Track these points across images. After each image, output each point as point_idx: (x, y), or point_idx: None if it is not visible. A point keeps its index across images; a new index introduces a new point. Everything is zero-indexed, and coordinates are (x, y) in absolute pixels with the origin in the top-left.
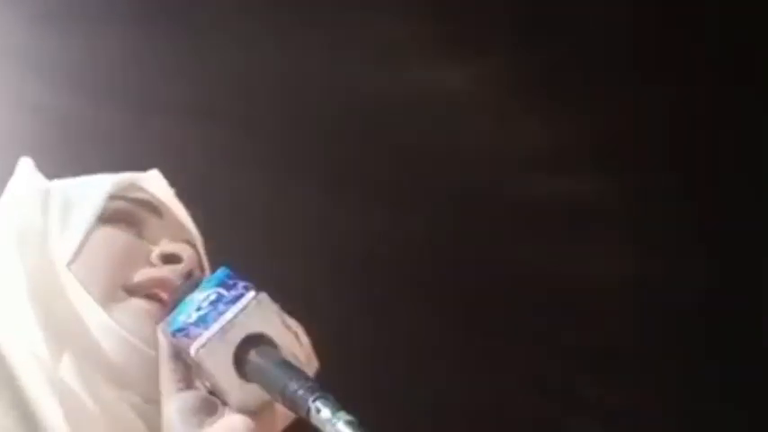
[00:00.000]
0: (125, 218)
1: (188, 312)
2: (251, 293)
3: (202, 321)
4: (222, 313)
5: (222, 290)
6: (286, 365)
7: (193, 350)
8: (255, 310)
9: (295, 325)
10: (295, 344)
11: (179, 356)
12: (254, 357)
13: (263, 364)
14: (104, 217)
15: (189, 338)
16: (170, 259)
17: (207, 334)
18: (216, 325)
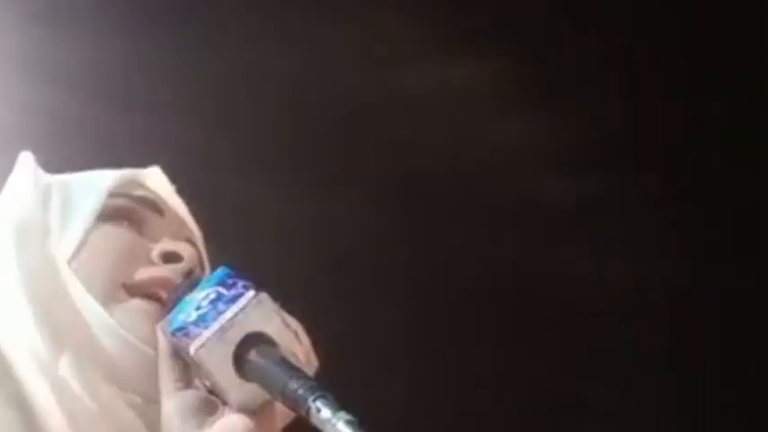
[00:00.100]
0: (126, 215)
1: (187, 311)
2: (251, 292)
3: (202, 320)
4: (222, 312)
5: (222, 289)
6: (286, 365)
7: (193, 349)
8: (255, 310)
9: (295, 324)
10: (295, 343)
11: (178, 355)
12: (253, 357)
13: (263, 364)
14: (105, 214)
15: (188, 338)
16: (170, 258)
17: (206, 333)
18: (215, 324)
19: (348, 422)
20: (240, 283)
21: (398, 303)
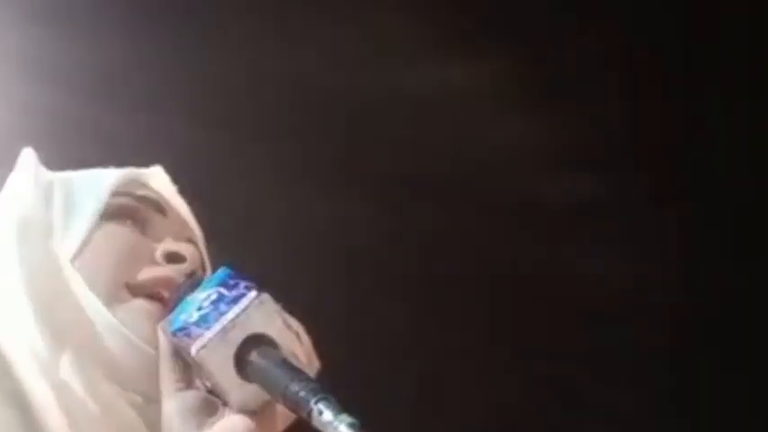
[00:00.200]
0: (129, 214)
1: (189, 312)
2: (252, 293)
3: (203, 321)
4: (223, 313)
5: (223, 289)
6: (287, 366)
7: (194, 350)
8: (257, 311)
9: (296, 325)
10: (296, 344)
11: (179, 356)
12: (255, 358)
13: (265, 365)
14: (108, 213)
15: (190, 338)
16: (174, 258)
17: (208, 334)
18: (217, 325)
19: (350, 425)
20: (242, 284)
21: (399, 304)
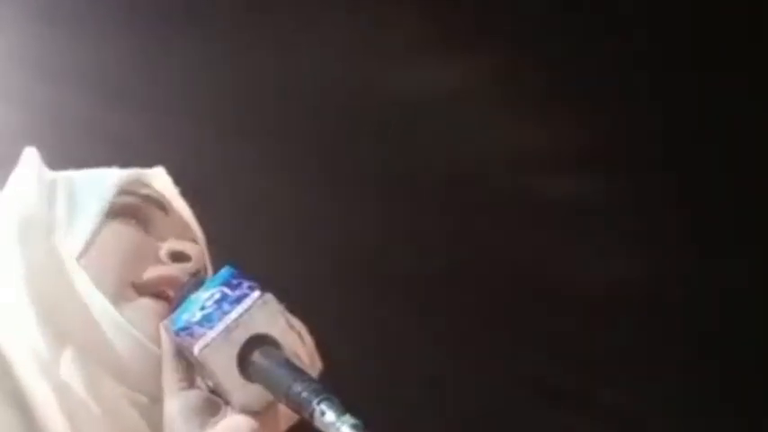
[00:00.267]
0: (133, 213)
1: (192, 311)
2: (256, 293)
3: (207, 321)
4: (227, 313)
5: (227, 289)
6: (290, 367)
7: (197, 349)
8: (260, 311)
9: (299, 325)
10: (299, 344)
11: (182, 355)
12: (257, 358)
13: (267, 365)
14: (113, 211)
15: (193, 338)
16: (178, 257)
17: (211, 334)
18: (220, 325)
19: (353, 426)
20: (245, 284)
21: (401, 304)
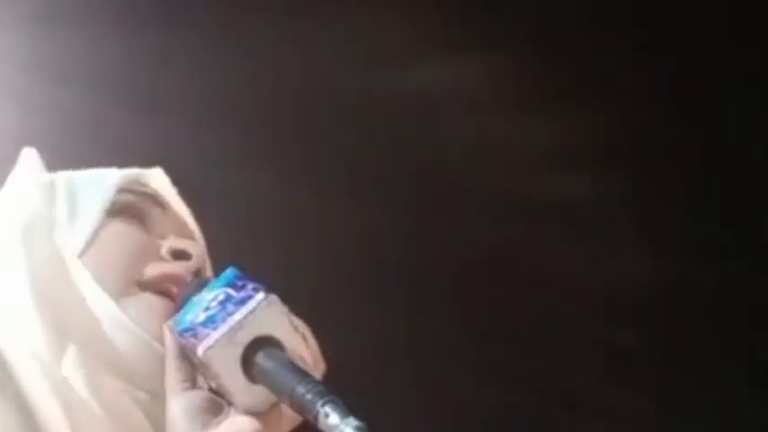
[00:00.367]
0: (133, 212)
1: (195, 312)
2: (260, 295)
3: (210, 322)
4: (231, 314)
5: (231, 290)
6: (294, 368)
7: (201, 350)
8: (265, 313)
9: (303, 327)
10: (302, 346)
11: (185, 356)
12: (261, 359)
13: (271, 367)
14: (114, 210)
15: (196, 339)
16: (179, 255)
17: (215, 335)
18: (224, 326)
19: (356, 428)
20: (249, 285)
21: (403, 305)
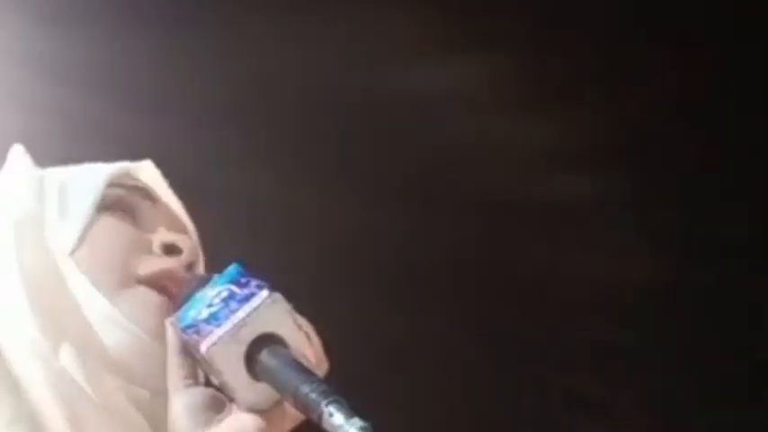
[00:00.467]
0: (123, 206)
1: (198, 309)
2: (264, 292)
3: (214, 319)
4: (234, 311)
5: (234, 287)
6: (298, 367)
7: (204, 347)
8: (269, 310)
9: (306, 325)
10: (306, 344)
11: (187, 352)
12: (265, 357)
13: (275, 365)
14: (104, 204)
15: (199, 335)
16: (170, 250)
17: (218, 332)
18: (228, 323)
19: (361, 428)
20: (253, 282)
21: (404, 304)
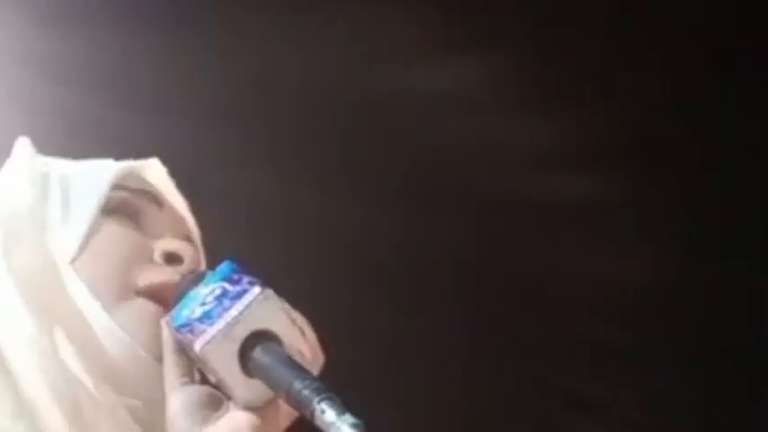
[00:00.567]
0: (127, 210)
1: (191, 308)
2: (257, 289)
3: (207, 317)
4: (227, 309)
5: (227, 284)
6: (291, 364)
7: (198, 346)
8: (261, 307)
9: (300, 320)
10: (300, 340)
11: (183, 351)
12: (258, 354)
13: (268, 362)
14: (108, 208)
15: (193, 335)
16: (172, 259)
17: (212, 330)
18: (221, 321)
19: (353, 425)
20: (245, 279)
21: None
